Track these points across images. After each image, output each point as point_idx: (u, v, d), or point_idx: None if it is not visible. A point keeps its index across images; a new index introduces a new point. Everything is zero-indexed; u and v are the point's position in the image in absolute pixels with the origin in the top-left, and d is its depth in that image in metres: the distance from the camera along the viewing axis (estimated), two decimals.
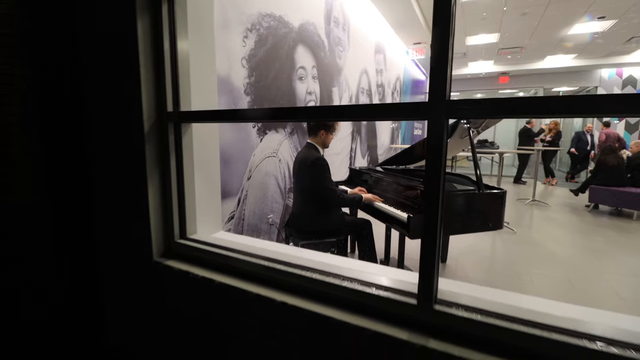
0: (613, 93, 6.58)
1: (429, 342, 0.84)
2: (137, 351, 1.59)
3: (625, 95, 0.65)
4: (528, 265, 2.79)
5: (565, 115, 0.77)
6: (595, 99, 0.70)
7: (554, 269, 2.72)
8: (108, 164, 1.52)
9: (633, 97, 0.64)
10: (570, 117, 0.97)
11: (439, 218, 0.86)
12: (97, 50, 1.45)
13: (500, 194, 1.82)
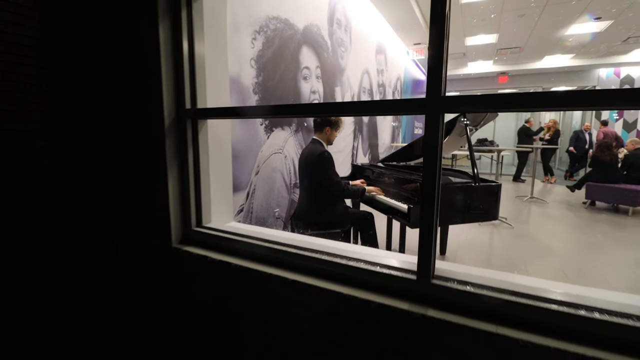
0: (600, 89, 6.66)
1: (428, 311, 0.95)
2: (156, 332, 1.70)
3: (612, 90, 0.77)
4: (524, 257, 2.90)
5: (547, 109, 0.88)
6: (570, 93, 0.81)
7: (549, 261, 2.83)
8: (128, 158, 1.64)
9: (618, 91, 0.75)
10: (552, 110, 1.09)
11: (435, 203, 0.97)
12: (119, 52, 1.56)
13: (495, 187, 1.93)
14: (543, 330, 0.82)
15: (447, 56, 0.96)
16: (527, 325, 0.85)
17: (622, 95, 0.75)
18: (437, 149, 0.95)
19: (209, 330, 1.48)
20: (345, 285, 1.09)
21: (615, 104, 0.78)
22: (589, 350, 0.75)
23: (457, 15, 4.76)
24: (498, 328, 0.85)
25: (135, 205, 1.67)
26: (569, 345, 0.77)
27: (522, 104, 0.92)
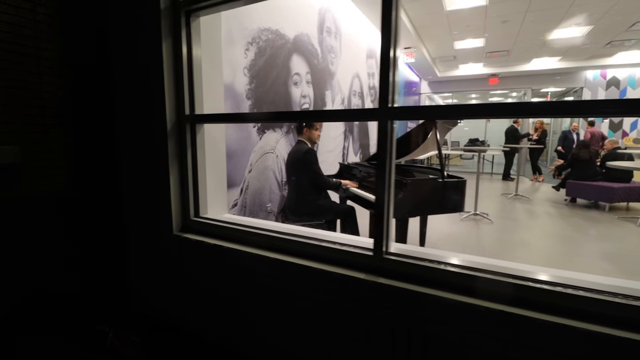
0: (540, 100, 6.94)
1: (379, 279, 1.18)
2: (159, 311, 1.93)
3: (547, 102, 1.00)
4: (499, 249, 3.14)
5: (486, 117, 1.12)
6: (507, 105, 1.04)
7: (523, 252, 3.07)
8: (135, 157, 1.87)
9: (549, 104, 0.99)
10: (495, 118, 1.34)
11: (386, 195, 1.21)
12: (129, 65, 1.80)
13: (460, 182, 2.16)
14: (458, 290, 1.06)
15: (395, 70, 1.19)
16: (450, 286, 1.09)
17: (540, 107, 0.99)
18: (387, 150, 1.18)
19: (205, 306, 1.71)
20: (316, 261, 1.33)
21: (537, 114, 1.01)
22: (482, 302, 0.99)
23: (444, 22, 4.99)
24: (431, 290, 1.09)
25: (141, 199, 1.90)
26: (472, 299, 1.01)
27: (463, 113, 1.16)
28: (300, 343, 1.40)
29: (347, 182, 2.47)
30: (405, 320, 1.13)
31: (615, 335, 0.84)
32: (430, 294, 1.07)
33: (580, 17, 4.81)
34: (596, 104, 0.96)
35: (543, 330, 0.92)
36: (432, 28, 5.29)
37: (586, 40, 5.92)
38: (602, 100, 0.90)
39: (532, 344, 0.94)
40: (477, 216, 4.20)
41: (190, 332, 1.78)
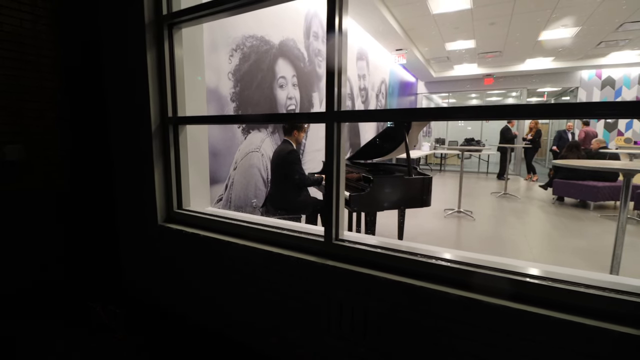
0: (488, 105, 7.01)
1: (327, 262, 1.36)
2: (148, 295, 2.13)
3: (487, 106, 1.17)
4: (475, 244, 3.29)
5: (421, 119, 1.29)
6: (453, 109, 1.21)
7: (498, 248, 3.22)
8: (125, 155, 2.07)
9: (487, 108, 1.15)
10: (434, 120, 1.52)
11: (334, 189, 1.38)
12: (118, 74, 1.99)
13: (426, 179, 2.32)
14: (394, 271, 1.24)
15: (339, 77, 1.35)
16: (392, 269, 1.26)
17: (468, 111, 1.15)
18: (334, 148, 1.35)
19: (186, 289, 1.90)
20: (276, 246, 1.51)
21: (463, 117, 1.17)
22: (427, 284, 1.16)
23: (432, 25, 5.13)
24: (372, 271, 1.26)
25: (130, 192, 2.10)
26: (404, 278, 1.19)
27: (403, 116, 1.33)
28: (260, 317, 1.58)
29: None
30: (349, 297, 1.30)
31: (542, 314, 1.01)
32: (372, 274, 1.23)
33: (566, 19, 4.92)
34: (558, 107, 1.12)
35: (453, 305, 1.09)
36: (421, 30, 5.44)
37: (576, 40, 6.01)
38: (580, 104, 1.06)
39: (443, 314, 1.11)
40: (461, 213, 4.35)
41: (171, 312, 1.97)
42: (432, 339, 1.14)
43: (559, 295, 0.99)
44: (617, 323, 0.91)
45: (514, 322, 1.00)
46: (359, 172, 2.53)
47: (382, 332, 1.25)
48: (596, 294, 0.96)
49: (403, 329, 1.20)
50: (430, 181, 2.36)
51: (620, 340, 0.89)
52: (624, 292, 0.95)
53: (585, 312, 0.96)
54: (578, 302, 0.97)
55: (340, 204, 1.43)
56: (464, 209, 4.47)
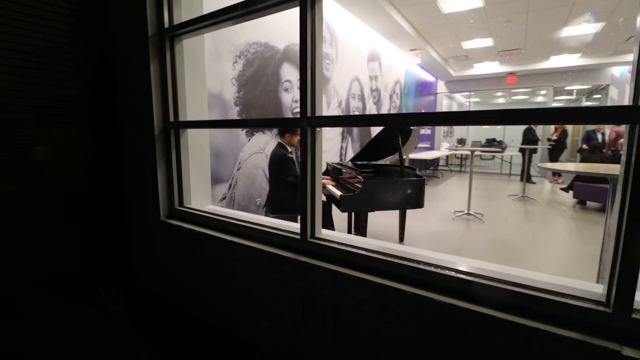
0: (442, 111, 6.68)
1: (300, 257, 1.45)
2: (154, 286, 2.31)
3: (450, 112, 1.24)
4: (475, 248, 3.25)
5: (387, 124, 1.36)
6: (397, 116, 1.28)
7: (499, 252, 3.16)
8: (133, 157, 2.26)
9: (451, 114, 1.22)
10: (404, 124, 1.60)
11: (309, 191, 1.46)
12: (127, 82, 2.18)
13: (418, 181, 2.35)
14: (363, 269, 1.31)
15: (313, 84, 1.43)
16: (358, 266, 1.33)
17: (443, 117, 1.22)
18: (307, 151, 1.44)
19: (185, 279, 2.06)
20: (259, 243, 1.62)
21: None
22: (388, 282, 1.24)
23: (445, 24, 5.07)
24: (343, 269, 1.34)
25: (137, 191, 2.29)
26: (371, 277, 1.26)
27: (378, 121, 1.40)
28: (242, 307, 1.69)
29: (323, 179, 2.74)
30: (319, 291, 1.39)
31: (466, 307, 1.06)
32: (342, 271, 1.31)
33: (588, 15, 4.70)
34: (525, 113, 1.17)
35: (409, 302, 1.15)
36: (433, 30, 5.37)
37: (602, 36, 5.71)
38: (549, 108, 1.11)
39: (400, 311, 1.17)
40: (470, 216, 4.28)
41: (169, 300, 2.14)
42: (393, 332, 1.21)
43: (490, 292, 1.03)
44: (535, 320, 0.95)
45: (461, 320, 1.05)
46: (357, 173, 2.60)
47: (349, 326, 1.33)
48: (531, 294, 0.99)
49: (368, 324, 1.27)
50: (423, 183, 2.38)
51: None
52: (567, 294, 0.98)
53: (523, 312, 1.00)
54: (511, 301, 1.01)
55: (316, 204, 1.52)
56: (475, 211, 4.40)
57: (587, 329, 0.94)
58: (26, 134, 2.20)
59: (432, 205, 5.08)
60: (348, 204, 2.22)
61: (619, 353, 0.86)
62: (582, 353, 0.90)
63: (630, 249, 0.89)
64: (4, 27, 2.07)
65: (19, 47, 2.13)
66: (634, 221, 0.88)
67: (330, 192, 2.56)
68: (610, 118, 0.93)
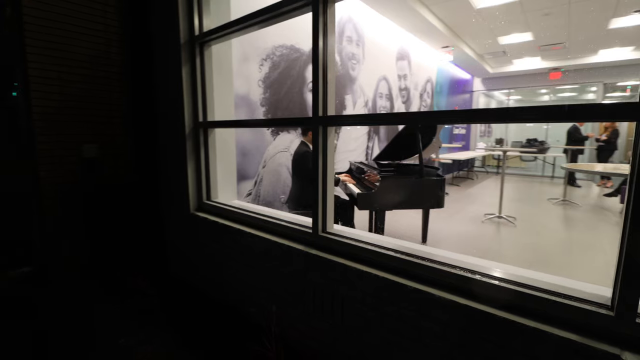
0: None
1: (311, 251, 1.53)
2: (184, 273, 2.50)
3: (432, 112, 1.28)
4: (503, 251, 3.13)
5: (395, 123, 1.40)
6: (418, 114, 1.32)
7: (527, 256, 3.02)
8: (167, 154, 2.46)
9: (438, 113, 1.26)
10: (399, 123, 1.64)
11: (321, 188, 1.53)
12: (162, 84, 2.38)
13: (437, 181, 2.32)
14: (370, 264, 1.36)
15: (325, 85, 1.49)
16: (365, 261, 1.39)
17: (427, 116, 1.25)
18: (319, 149, 1.51)
19: (207, 266, 2.21)
20: (275, 235, 1.72)
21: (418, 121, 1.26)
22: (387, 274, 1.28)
23: (478, 19, 4.88)
24: (351, 262, 1.40)
25: (170, 185, 2.49)
26: (377, 271, 1.31)
27: (390, 120, 1.45)
28: (258, 294, 1.80)
29: (344, 176, 2.79)
30: (328, 282, 1.46)
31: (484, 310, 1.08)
32: (350, 265, 1.37)
33: (635, 4, 4.31)
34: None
35: (408, 295, 1.18)
36: (466, 26, 5.20)
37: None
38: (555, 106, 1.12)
39: (405, 306, 1.21)
40: (501, 219, 4.11)
41: (194, 285, 2.31)
42: (395, 323, 1.25)
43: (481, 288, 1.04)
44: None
45: (461, 315, 1.07)
46: (377, 173, 2.63)
47: (355, 317, 1.38)
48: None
49: (373, 316, 1.32)
50: (442, 183, 2.35)
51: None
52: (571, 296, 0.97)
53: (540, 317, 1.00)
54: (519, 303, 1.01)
55: (328, 200, 1.59)
56: (508, 214, 4.21)
57: (589, 332, 0.92)
58: (77, 132, 2.48)
59: (463, 207, 4.93)
60: (365, 202, 2.26)
61: (619, 358, 0.84)
62: (579, 356, 0.89)
63: (634, 252, 0.86)
64: (59, 39, 2.35)
65: (71, 55, 2.41)
66: (637, 222, 0.85)
67: (351, 191, 2.61)
68: (617, 116, 0.91)
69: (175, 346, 1.69)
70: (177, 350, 1.66)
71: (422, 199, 2.32)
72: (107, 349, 1.65)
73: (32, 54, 2.24)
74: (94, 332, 1.79)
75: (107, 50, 2.64)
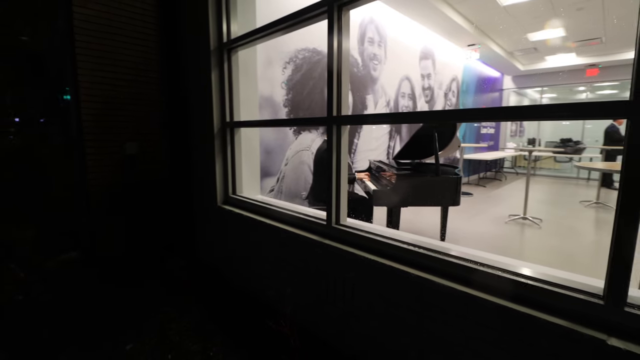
0: None
1: (325, 241, 1.65)
2: (211, 260, 2.71)
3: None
4: (522, 252, 3.08)
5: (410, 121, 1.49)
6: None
7: (547, 258, 2.95)
8: (197, 151, 2.67)
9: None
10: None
11: (334, 183, 1.65)
12: (194, 86, 2.59)
13: (452, 180, 2.35)
14: (379, 254, 1.46)
15: (339, 87, 1.60)
16: (374, 251, 1.49)
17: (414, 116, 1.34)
18: (332, 146, 1.63)
19: (231, 253, 2.39)
20: (291, 226, 1.85)
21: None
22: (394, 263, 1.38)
23: (504, 16, 4.77)
24: (362, 252, 1.51)
25: (201, 180, 2.71)
26: (385, 260, 1.41)
27: (398, 119, 1.54)
28: (277, 281, 1.94)
29: (363, 175, 2.88)
30: (340, 271, 1.57)
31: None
32: (361, 255, 1.47)
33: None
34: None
35: (409, 283, 1.28)
36: (493, 24, 5.09)
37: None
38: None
39: (409, 294, 1.30)
40: (526, 220, 4.02)
41: (219, 270, 2.50)
42: (399, 312, 1.35)
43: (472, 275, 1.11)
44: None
45: (460, 302, 1.15)
46: (394, 171, 2.70)
47: (364, 302, 1.49)
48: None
49: (380, 303, 1.42)
50: (457, 182, 2.38)
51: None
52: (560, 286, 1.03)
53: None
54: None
55: (341, 194, 1.70)
56: (533, 215, 4.11)
57: (580, 319, 0.97)
58: (122, 131, 2.75)
59: (486, 208, 4.85)
60: (379, 198, 2.34)
61: (604, 342, 0.89)
62: (566, 340, 0.95)
63: (623, 243, 0.91)
64: (109, 47, 2.63)
65: (115, 62, 2.68)
66: (626, 215, 0.90)
67: (368, 188, 2.71)
68: (609, 113, 0.96)
69: (202, 320, 1.88)
70: (205, 324, 1.85)
71: (437, 197, 2.37)
72: (148, 320, 1.87)
73: (82, 61, 2.53)
74: (138, 305, 2.02)
75: (146, 57, 2.90)
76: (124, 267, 2.62)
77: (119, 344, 1.70)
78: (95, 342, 1.71)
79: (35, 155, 2.74)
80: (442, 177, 2.39)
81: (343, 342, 1.61)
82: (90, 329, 1.83)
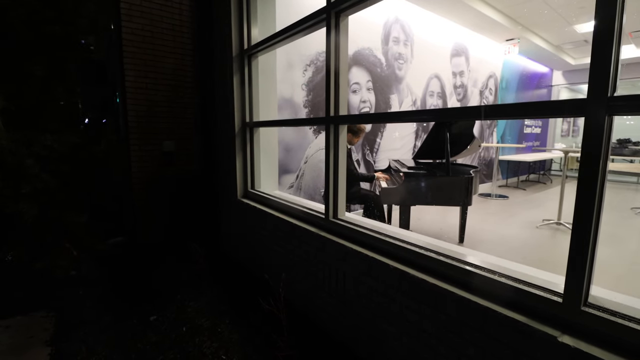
0: None
1: (321, 233, 1.77)
2: (231, 250, 2.95)
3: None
4: (546, 258, 2.93)
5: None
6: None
7: (560, 259, 2.78)
8: (221, 149, 2.92)
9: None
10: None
11: (331, 179, 1.76)
12: (219, 90, 2.84)
13: (462, 179, 2.33)
14: (369, 247, 1.56)
15: (337, 88, 1.71)
16: (366, 244, 1.59)
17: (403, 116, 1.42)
18: (330, 146, 1.74)
19: (254, 243, 2.60)
20: (297, 219, 2.00)
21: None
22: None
23: (544, 8, 4.47)
24: (354, 245, 1.62)
25: (223, 175, 2.96)
26: (372, 253, 1.51)
27: (396, 118, 1.63)
28: (282, 269, 2.10)
29: (380, 174, 2.94)
30: (332, 260, 1.69)
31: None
32: (353, 248, 1.58)
33: None
34: None
35: (390, 274, 1.36)
36: (533, 16, 4.78)
37: None
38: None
39: (390, 284, 1.39)
40: (560, 226, 3.78)
41: (236, 259, 2.72)
42: (380, 298, 1.43)
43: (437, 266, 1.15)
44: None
45: (436, 295, 1.22)
46: (407, 171, 2.73)
47: (353, 291, 1.59)
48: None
49: (367, 292, 1.52)
50: (468, 182, 2.35)
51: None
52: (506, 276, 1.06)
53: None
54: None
55: (339, 190, 1.81)
56: (569, 221, 3.85)
57: (539, 316, 1.00)
58: (160, 131, 3.09)
59: (519, 212, 4.62)
60: (387, 196, 2.40)
61: (555, 339, 0.92)
62: (520, 334, 0.98)
63: (578, 246, 0.93)
64: (152, 57, 2.97)
65: (156, 69, 3.01)
66: (580, 218, 0.92)
67: (382, 186, 2.77)
68: (566, 111, 0.97)
69: (217, 301, 2.11)
70: (219, 305, 2.07)
71: (445, 196, 2.37)
72: (171, 298, 2.14)
73: (129, 69, 2.89)
74: (165, 286, 2.31)
75: (182, 64, 3.22)
76: (159, 253, 2.96)
77: (145, 315, 1.97)
78: (126, 314, 2.00)
79: (94, 151, 3.18)
80: (449, 177, 2.38)
81: (337, 324, 1.73)
82: (123, 302, 2.13)
